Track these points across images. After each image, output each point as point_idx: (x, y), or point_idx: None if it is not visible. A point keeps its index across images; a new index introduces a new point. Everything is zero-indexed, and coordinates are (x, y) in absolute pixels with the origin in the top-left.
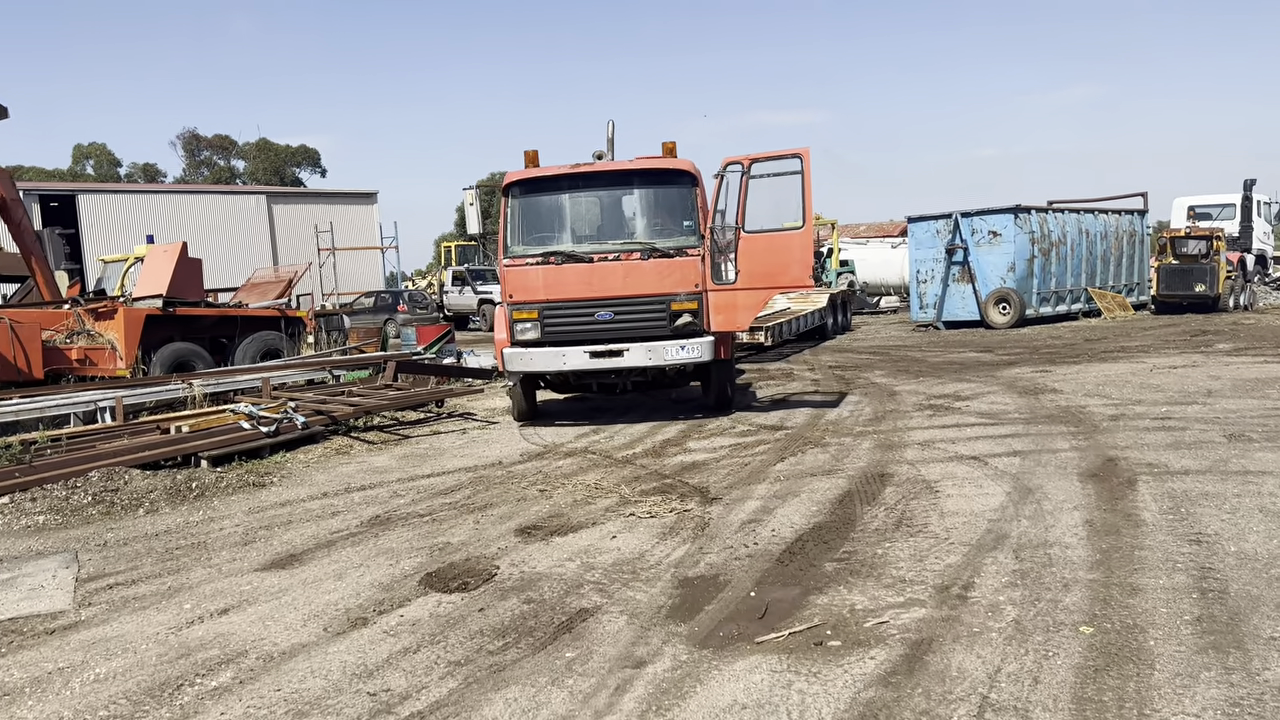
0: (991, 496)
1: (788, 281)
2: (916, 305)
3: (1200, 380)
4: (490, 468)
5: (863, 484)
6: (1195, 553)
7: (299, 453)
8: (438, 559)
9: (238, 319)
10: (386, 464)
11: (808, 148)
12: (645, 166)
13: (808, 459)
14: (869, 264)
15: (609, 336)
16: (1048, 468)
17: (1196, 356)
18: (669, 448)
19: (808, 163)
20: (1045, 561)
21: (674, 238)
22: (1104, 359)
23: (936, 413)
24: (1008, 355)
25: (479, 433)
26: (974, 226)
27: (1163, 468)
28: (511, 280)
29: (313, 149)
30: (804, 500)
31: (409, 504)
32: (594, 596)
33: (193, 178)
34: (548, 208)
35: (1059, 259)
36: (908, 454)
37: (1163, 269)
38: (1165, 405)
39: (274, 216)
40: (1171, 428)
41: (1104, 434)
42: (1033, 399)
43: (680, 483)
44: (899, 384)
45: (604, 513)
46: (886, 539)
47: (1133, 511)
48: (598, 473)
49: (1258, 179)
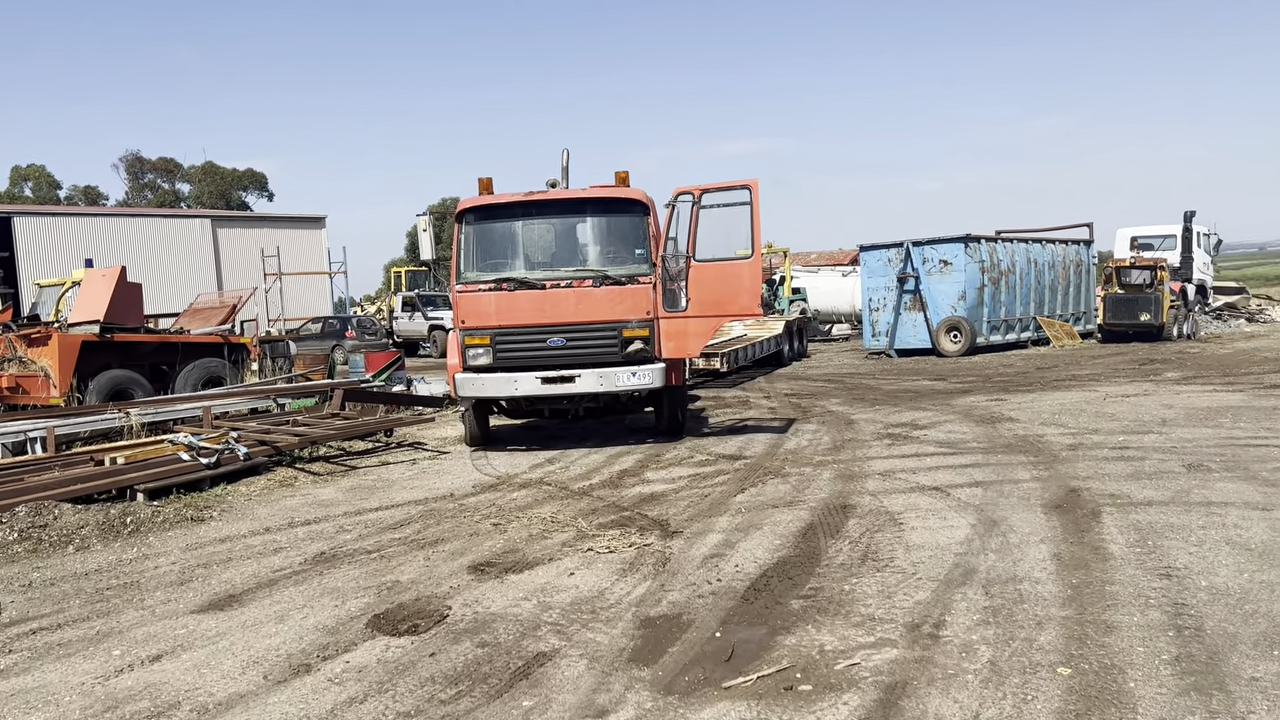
0: (956, 529)
1: (737, 310)
2: (869, 333)
3: (1154, 409)
4: (441, 500)
5: (825, 516)
6: (1167, 588)
7: (241, 485)
8: (386, 599)
9: (179, 346)
10: (333, 497)
11: (756, 179)
12: (598, 195)
13: (768, 490)
14: (821, 292)
15: (561, 362)
16: (1010, 499)
17: (1147, 385)
18: (627, 478)
19: (756, 194)
20: (1016, 598)
21: (626, 265)
22: (1057, 387)
23: (895, 442)
24: (961, 383)
25: (430, 463)
26: (925, 255)
27: (1125, 499)
28: (464, 306)
29: (260, 173)
30: (766, 533)
31: (356, 539)
32: (552, 639)
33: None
34: (501, 234)
35: (1008, 288)
36: (869, 484)
37: (1109, 298)
38: (1122, 434)
39: (219, 241)
40: (1130, 457)
41: (1064, 464)
42: (990, 428)
43: (639, 515)
44: (856, 412)
45: (561, 548)
46: (853, 574)
47: (1100, 544)
48: (554, 505)
49: (1197, 210)
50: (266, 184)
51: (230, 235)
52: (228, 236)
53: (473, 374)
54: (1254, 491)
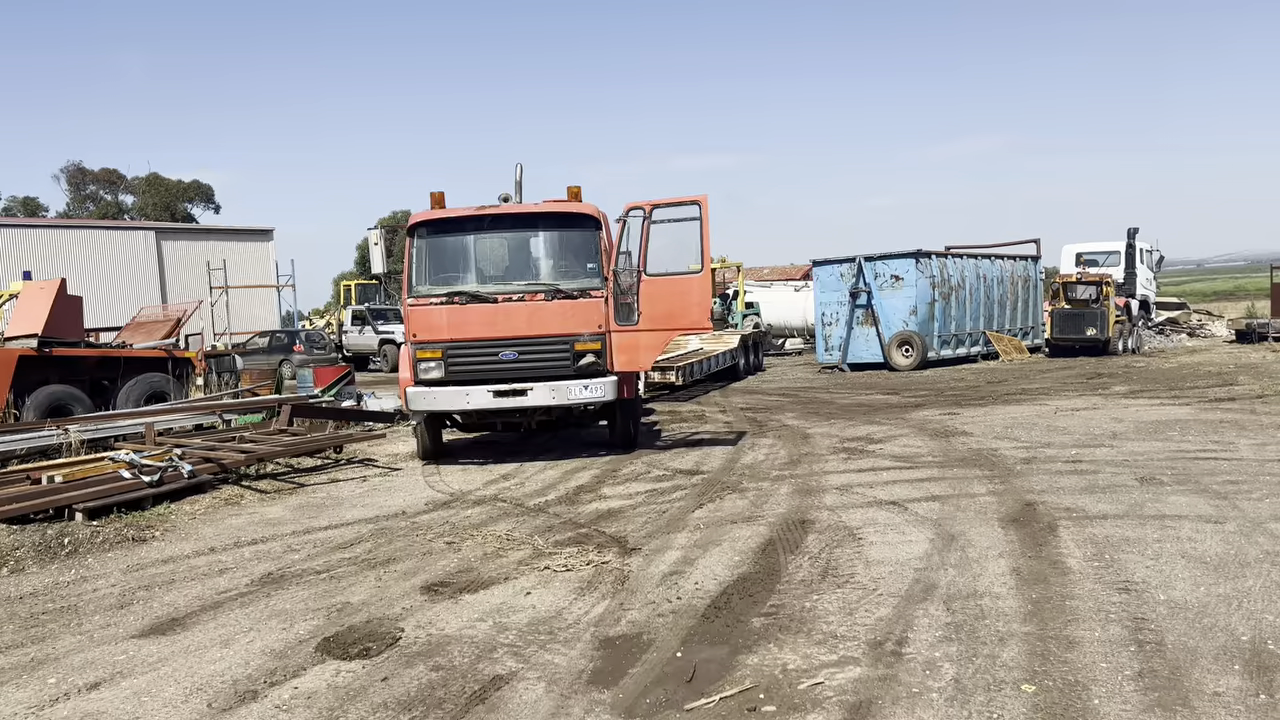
0: (915, 544)
1: (687, 323)
2: (822, 347)
3: (1104, 423)
4: (393, 518)
5: (785, 531)
6: (1126, 602)
7: (185, 504)
8: (336, 621)
9: (121, 360)
10: (280, 515)
11: (705, 195)
12: (551, 210)
13: (727, 505)
14: (774, 306)
15: (513, 376)
16: (968, 513)
17: (1096, 399)
18: (583, 494)
19: (706, 209)
20: (978, 614)
21: (578, 279)
22: (1008, 401)
23: (851, 456)
24: (914, 397)
25: (381, 480)
26: (877, 270)
27: (1081, 512)
28: (416, 319)
29: (206, 185)
30: (726, 550)
31: (304, 560)
32: (509, 661)
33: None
34: (453, 248)
35: (958, 303)
36: (827, 499)
37: (1056, 313)
38: (1074, 448)
39: (163, 253)
40: (1084, 471)
41: (1019, 478)
42: (944, 442)
43: (597, 532)
44: (811, 426)
45: (517, 566)
46: (814, 591)
47: (1058, 559)
48: (509, 522)
49: (1140, 228)
50: (213, 196)
51: (175, 248)
52: (172, 249)
53: (424, 388)
54: (1205, 504)
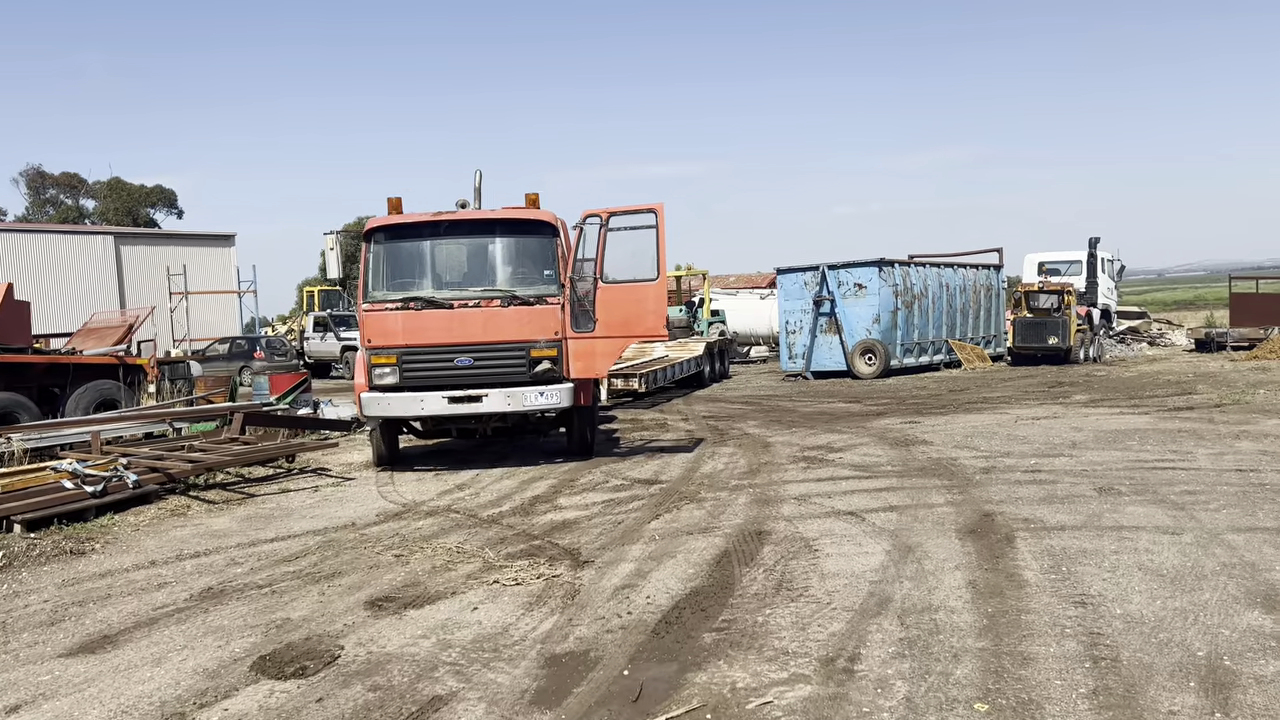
0: (871, 555)
1: (644, 330)
2: (786, 355)
3: (1063, 432)
4: (342, 530)
5: (740, 543)
6: (1082, 616)
7: (129, 514)
8: (274, 639)
9: (70, 367)
10: (226, 527)
11: (661, 203)
12: (507, 216)
13: (683, 516)
14: (739, 314)
15: (468, 382)
16: (925, 524)
17: (1056, 408)
18: (539, 505)
19: (662, 217)
20: (932, 628)
21: (535, 286)
22: (969, 410)
23: (811, 465)
24: (876, 406)
25: (333, 490)
26: (840, 279)
27: (1039, 523)
28: (371, 325)
29: (169, 189)
30: (680, 562)
31: (247, 573)
32: (450, 681)
33: (37, 217)
34: (409, 254)
35: (921, 311)
36: (784, 509)
37: (1018, 322)
38: (1034, 457)
39: (122, 258)
40: (1043, 481)
41: (978, 487)
42: (904, 451)
43: (550, 544)
44: (772, 435)
45: (465, 580)
46: (767, 605)
47: (1014, 571)
48: (460, 534)
49: (1101, 237)
50: (176, 201)
51: (134, 253)
52: (131, 254)
53: (379, 393)
54: (1163, 515)
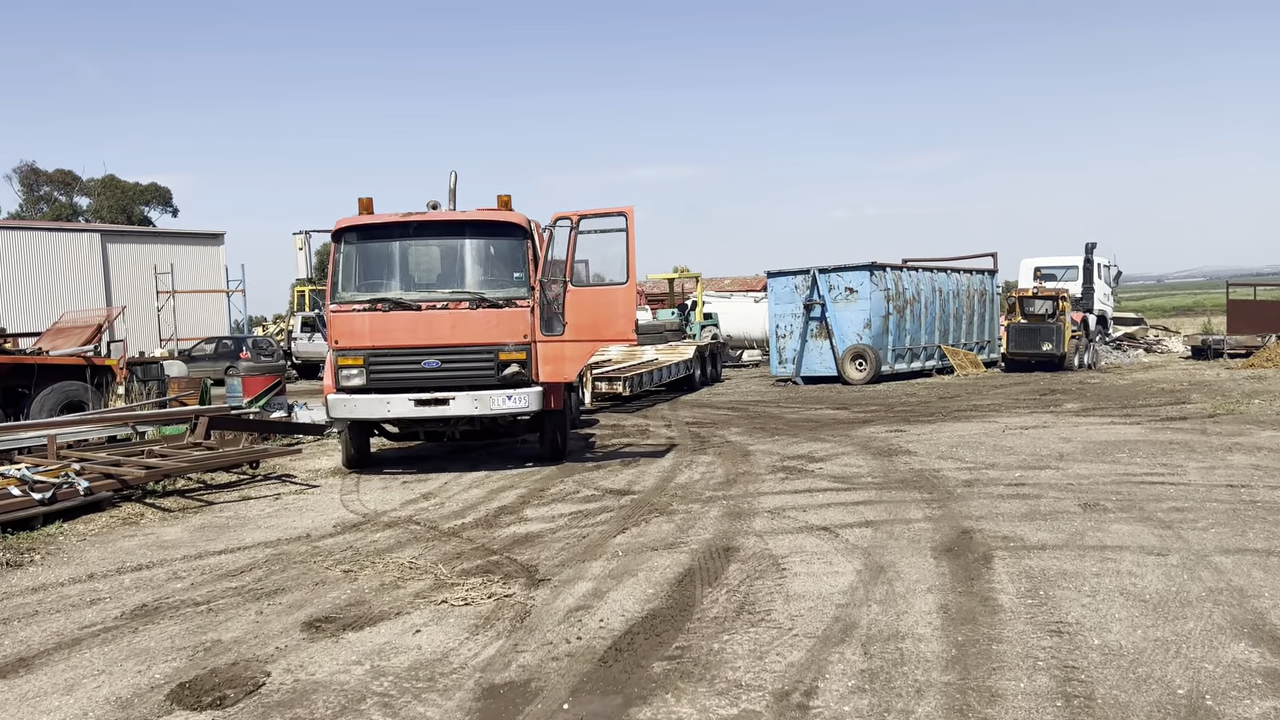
0: (841, 575)
1: (613, 335)
2: (776, 360)
3: (1052, 442)
4: (295, 542)
5: (706, 560)
6: (1057, 647)
7: (79, 523)
8: (199, 663)
9: (34, 368)
10: (177, 537)
11: (632, 206)
12: (478, 218)
13: (651, 530)
14: (732, 317)
15: (435, 384)
16: (900, 541)
17: (1047, 416)
18: (504, 516)
19: (632, 220)
20: (897, 659)
21: (504, 288)
22: (957, 418)
23: (789, 476)
24: (863, 413)
25: (295, 498)
26: (831, 283)
27: (1019, 541)
28: (338, 326)
29: (164, 187)
30: (641, 581)
31: (187, 589)
32: (375, 715)
33: (31, 214)
34: (378, 255)
35: (913, 316)
36: (756, 524)
37: (1012, 327)
38: (1019, 469)
39: (109, 256)
40: (1026, 495)
41: (958, 502)
42: (886, 461)
43: (508, 560)
44: (755, 443)
45: (413, 599)
46: (725, 629)
47: (989, 594)
48: (417, 548)
49: (1098, 242)
50: (170, 199)
51: (121, 251)
52: (119, 252)
53: (346, 395)
54: (1149, 534)
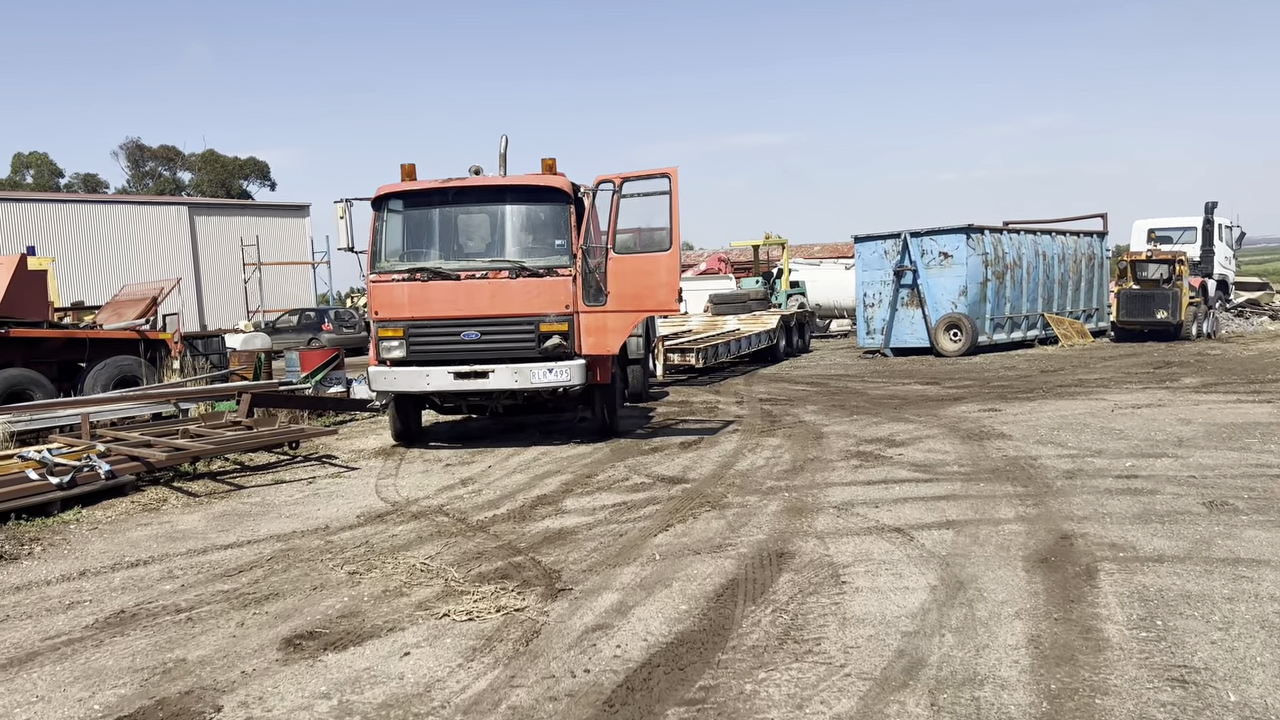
0: (911, 593)
1: (654, 305)
2: (863, 330)
3: (1168, 424)
4: (310, 535)
5: (754, 568)
6: (1180, 704)
7: (99, 508)
8: (150, 690)
9: (86, 342)
10: (191, 526)
11: (676, 167)
12: (519, 183)
13: (698, 528)
14: (821, 285)
15: (475, 357)
16: (986, 547)
17: (1162, 393)
18: (540, 507)
19: (676, 182)
20: (971, 713)
21: (546, 256)
22: (1060, 395)
23: (864, 463)
24: (955, 388)
25: (329, 482)
26: (924, 247)
27: (1130, 551)
28: (378, 296)
29: (262, 161)
30: (674, 594)
31: (175, 591)
32: None
33: (137, 189)
34: (418, 222)
35: (1014, 282)
36: (819, 522)
37: (1123, 294)
38: (1130, 458)
39: (196, 229)
40: (1139, 490)
41: (1058, 497)
42: (977, 446)
43: (531, 562)
44: (830, 423)
45: (413, 611)
46: (763, 664)
47: (1093, 623)
48: (435, 545)
49: (1218, 202)
50: (268, 173)
51: (208, 223)
52: (206, 225)
53: (386, 368)
54: None
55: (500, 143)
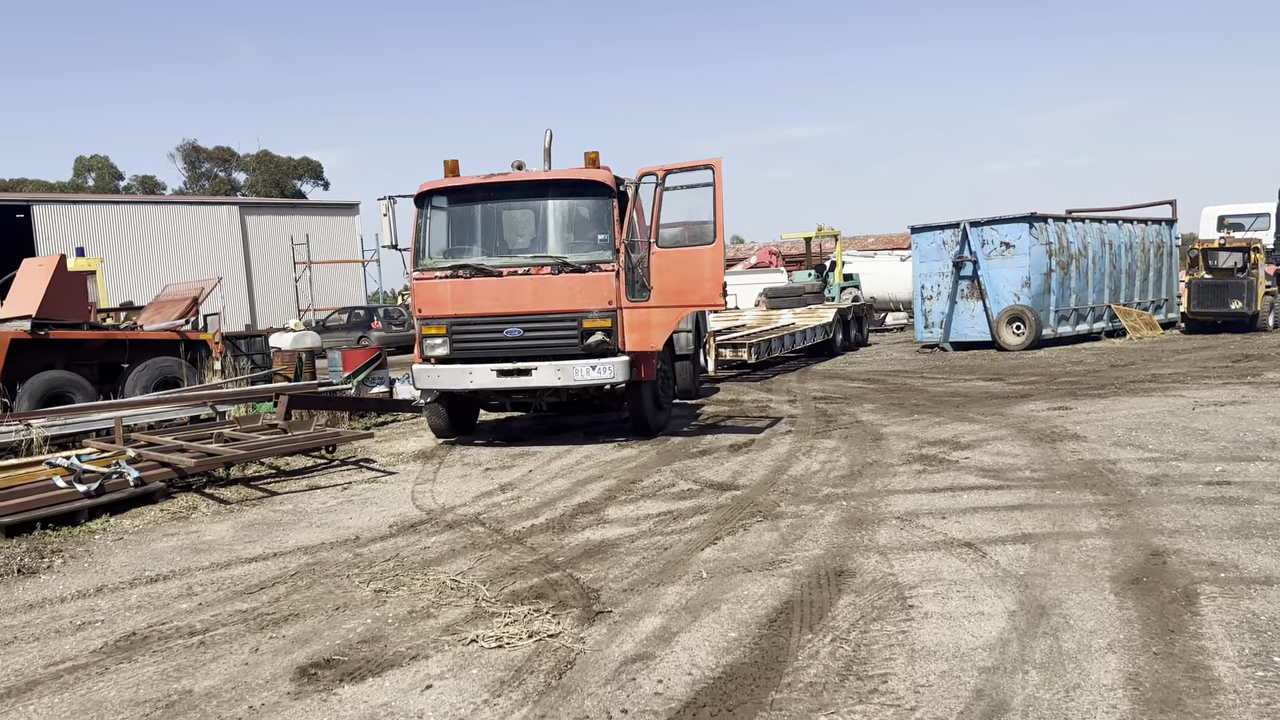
0: (988, 619)
1: (698, 300)
2: (921, 324)
3: (1258, 423)
4: (339, 547)
5: (810, 589)
6: None
7: (128, 516)
8: None
9: (126, 343)
10: (219, 537)
11: (719, 158)
12: (561, 177)
13: (749, 541)
14: (876, 277)
15: (518, 354)
16: (1069, 565)
17: (1244, 389)
18: (581, 516)
19: (719, 174)
20: None
21: (589, 252)
22: (1133, 391)
23: (928, 468)
24: (1020, 384)
25: (365, 488)
26: (984, 237)
27: (1232, 570)
28: (421, 294)
29: (315, 161)
30: (723, 618)
31: (191, 610)
32: None
33: (193, 190)
34: (461, 218)
35: (1079, 273)
36: (881, 535)
37: (1194, 284)
38: (1219, 461)
39: (247, 228)
40: (1234, 499)
41: (1143, 507)
42: (1049, 448)
43: (569, 579)
44: (889, 423)
45: (439, 636)
46: (823, 706)
47: (1199, 659)
48: (469, 559)
49: None
50: (321, 173)
51: (259, 222)
52: (257, 224)
53: (430, 365)
54: None
55: (544, 137)
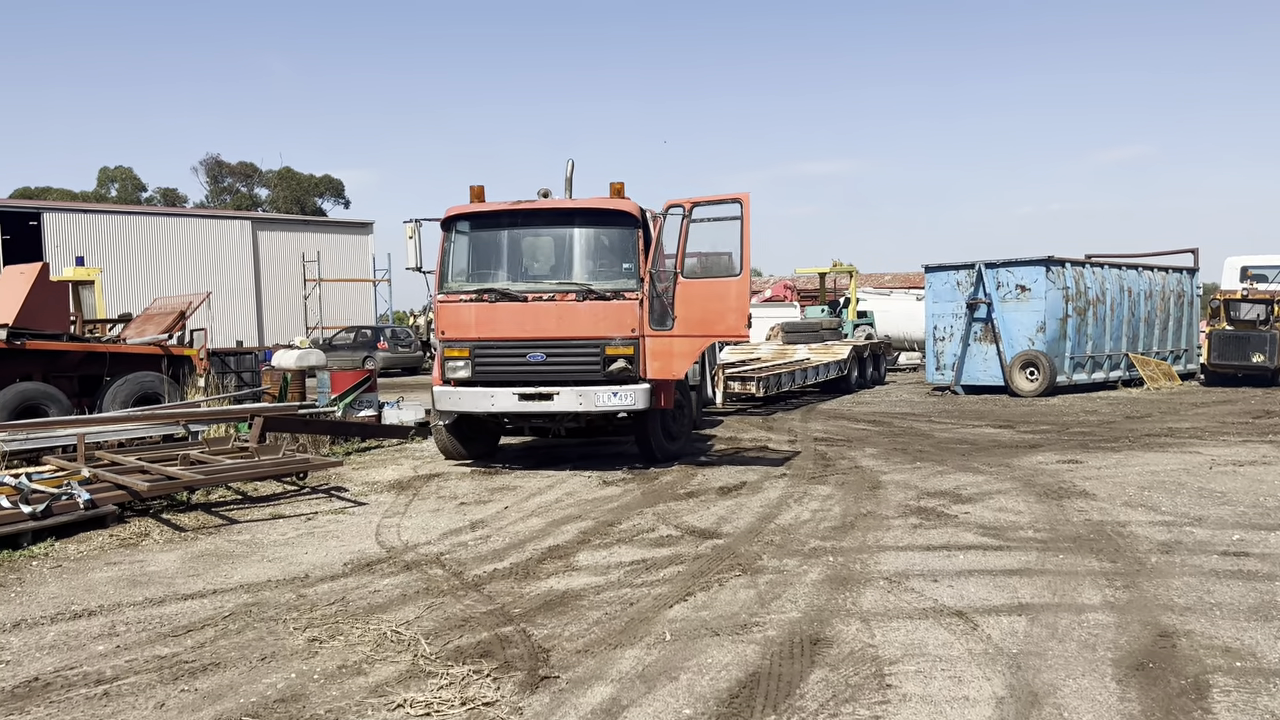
0: (973, 706)
1: (723, 330)
2: (933, 365)
3: (1279, 486)
4: (284, 585)
5: (782, 659)
6: None
7: (74, 541)
8: None
9: (107, 356)
10: (163, 568)
11: (748, 193)
12: (588, 206)
13: (722, 598)
14: (890, 316)
15: (540, 379)
16: (1067, 644)
17: (1265, 448)
18: (549, 561)
19: (747, 208)
20: None
21: (614, 280)
22: (1148, 446)
23: (924, 522)
24: (1031, 433)
25: (329, 519)
26: (999, 279)
27: (1249, 659)
28: (444, 316)
29: (336, 179)
30: (680, 691)
31: (106, 654)
32: None
33: (215, 204)
34: (486, 243)
35: (1096, 319)
36: (865, 598)
37: (1215, 335)
38: (1237, 529)
39: (259, 243)
40: (1252, 573)
41: (1152, 578)
42: (1055, 506)
43: (520, 635)
44: (889, 470)
45: (365, 696)
46: None
47: None
48: (418, 606)
49: None
50: (343, 190)
51: (271, 238)
52: (269, 239)
53: (450, 388)
54: None
55: (566, 167)
